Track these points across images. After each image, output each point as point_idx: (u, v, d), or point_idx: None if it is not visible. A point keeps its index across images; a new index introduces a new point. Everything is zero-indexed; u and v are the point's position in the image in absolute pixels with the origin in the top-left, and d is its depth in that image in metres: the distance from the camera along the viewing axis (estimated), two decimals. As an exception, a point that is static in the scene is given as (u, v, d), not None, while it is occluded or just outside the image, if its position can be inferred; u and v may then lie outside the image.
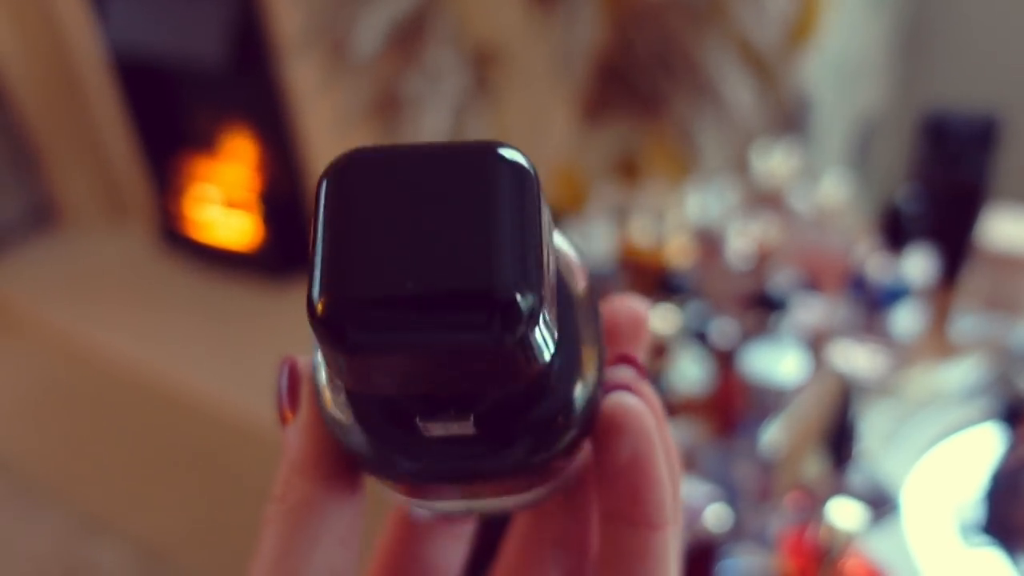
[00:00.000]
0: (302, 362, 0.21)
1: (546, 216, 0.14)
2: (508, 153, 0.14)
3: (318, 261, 0.14)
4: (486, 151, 0.14)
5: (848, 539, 0.47)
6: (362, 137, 0.96)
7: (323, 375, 0.18)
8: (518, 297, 0.13)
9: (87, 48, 1.93)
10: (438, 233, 0.14)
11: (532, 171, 0.14)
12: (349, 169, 0.14)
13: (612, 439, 0.18)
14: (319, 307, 0.14)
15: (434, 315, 0.13)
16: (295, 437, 0.20)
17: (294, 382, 0.21)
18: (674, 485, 0.19)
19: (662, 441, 0.19)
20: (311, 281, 0.14)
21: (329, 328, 0.13)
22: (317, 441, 0.20)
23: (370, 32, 0.79)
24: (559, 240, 0.17)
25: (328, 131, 1.46)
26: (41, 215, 2.23)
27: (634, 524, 0.19)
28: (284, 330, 1.68)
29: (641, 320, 0.21)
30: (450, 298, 0.13)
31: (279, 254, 1.82)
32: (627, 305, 0.21)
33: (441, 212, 0.14)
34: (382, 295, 0.13)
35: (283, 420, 0.21)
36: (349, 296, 0.14)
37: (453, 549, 0.25)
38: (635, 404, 0.18)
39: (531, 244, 0.14)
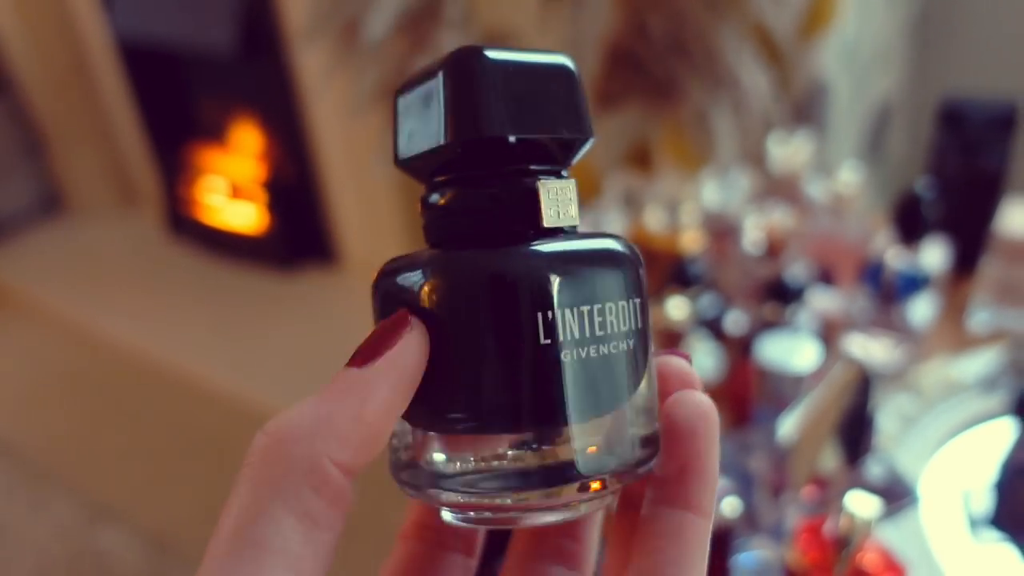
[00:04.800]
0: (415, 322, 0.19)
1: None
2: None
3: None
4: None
5: (865, 532, 0.47)
6: (371, 122, 0.95)
7: None
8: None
9: (95, 35, 1.93)
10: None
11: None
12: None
13: (686, 438, 0.20)
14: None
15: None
16: (362, 387, 0.18)
17: (396, 331, 0.19)
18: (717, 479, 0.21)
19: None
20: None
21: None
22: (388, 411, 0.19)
23: (381, 17, 0.78)
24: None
25: (336, 117, 1.46)
26: (49, 201, 2.23)
27: (685, 509, 0.19)
28: (292, 317, 1.68)
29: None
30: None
31: (287, 241, 1.81)
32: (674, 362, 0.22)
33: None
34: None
35: (356, 360, 0.19)
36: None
37: None
38: (707, 404, 0.20)
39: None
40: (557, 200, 0.21)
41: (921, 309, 0.70)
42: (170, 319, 1.76)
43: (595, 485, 0.20)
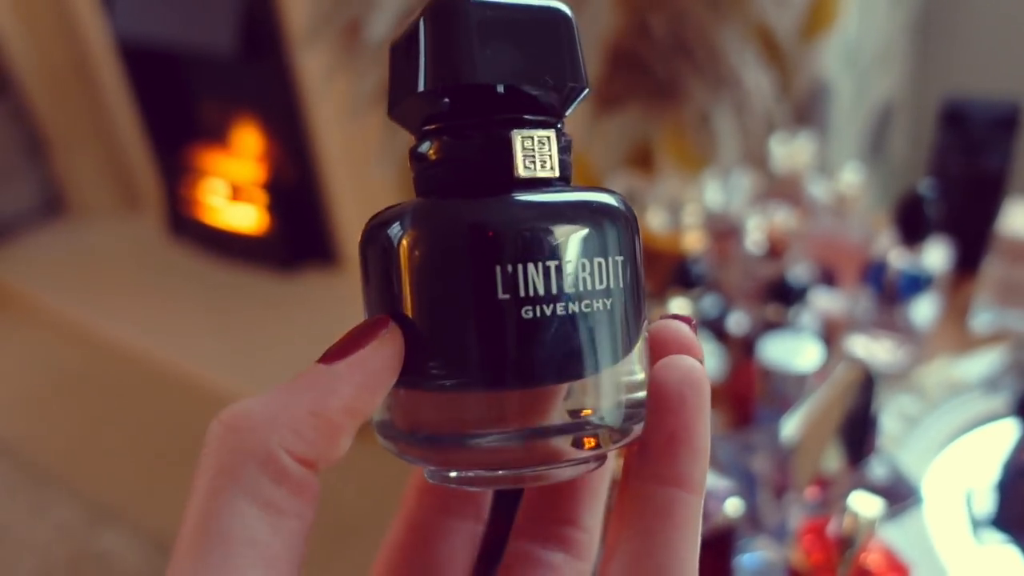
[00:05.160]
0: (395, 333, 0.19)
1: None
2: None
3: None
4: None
5: (868, 532, 0.47)
6: (371, 124, 0.95)
7: None
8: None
9: (96, 35, 1.93)
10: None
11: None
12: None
13: (674, 406, 0.19)
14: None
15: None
16: (337, 380, 0.18)
17: (371, 332, 0.19)
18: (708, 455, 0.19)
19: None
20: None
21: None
22: (365, 397, 0.18)
23: (382, 18, 0.78)
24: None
25: (337, 119, 1.46)
26: (51, 203, 2.23)
27: (675, 486, 0.18)
28: (292, 318, 1.68)
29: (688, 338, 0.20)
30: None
31: (288, 242, 1.81)
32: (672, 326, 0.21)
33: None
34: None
35: (326, 357, 0.19)
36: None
37: (462, 551, 0.24)
38: (699, 371, 0.19)
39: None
40: (534, 150, 0.19)
41: (923, 310, 0.70)
42: (171, 320, 1.77)
43: (589, 442, 0.19)
